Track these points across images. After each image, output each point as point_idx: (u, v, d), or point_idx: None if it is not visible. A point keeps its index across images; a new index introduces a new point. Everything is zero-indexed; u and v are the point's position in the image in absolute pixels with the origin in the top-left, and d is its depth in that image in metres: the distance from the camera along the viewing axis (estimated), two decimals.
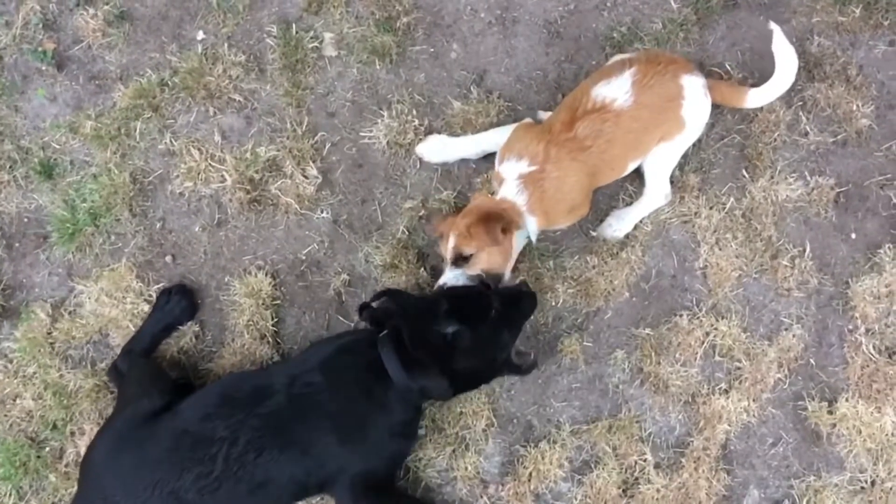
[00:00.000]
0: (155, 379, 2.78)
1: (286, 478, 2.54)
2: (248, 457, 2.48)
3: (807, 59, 3.11)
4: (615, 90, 2.69)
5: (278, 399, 2.55)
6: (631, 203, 3.01)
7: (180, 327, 3.00)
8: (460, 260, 2.72)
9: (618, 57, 2.95)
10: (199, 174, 3.08)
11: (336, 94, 3.15)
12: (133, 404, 2.66)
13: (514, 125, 2.93)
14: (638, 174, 2.96)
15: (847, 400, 2.92)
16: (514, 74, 3.15)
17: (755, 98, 2.91)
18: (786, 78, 2.88)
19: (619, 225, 2.98)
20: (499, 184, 2.76)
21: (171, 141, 3.11)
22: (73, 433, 2.97)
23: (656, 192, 2.93)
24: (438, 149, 3.04)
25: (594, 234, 3.02)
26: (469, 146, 3.02)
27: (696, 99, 2.78)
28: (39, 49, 3.15)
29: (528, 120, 2.98)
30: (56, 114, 3.16)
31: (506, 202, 2.71)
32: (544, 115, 3.03)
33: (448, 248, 2.73)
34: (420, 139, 3.07)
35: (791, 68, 2.86)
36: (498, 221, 2.66)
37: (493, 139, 2.95)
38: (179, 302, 2.98)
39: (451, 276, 2.75)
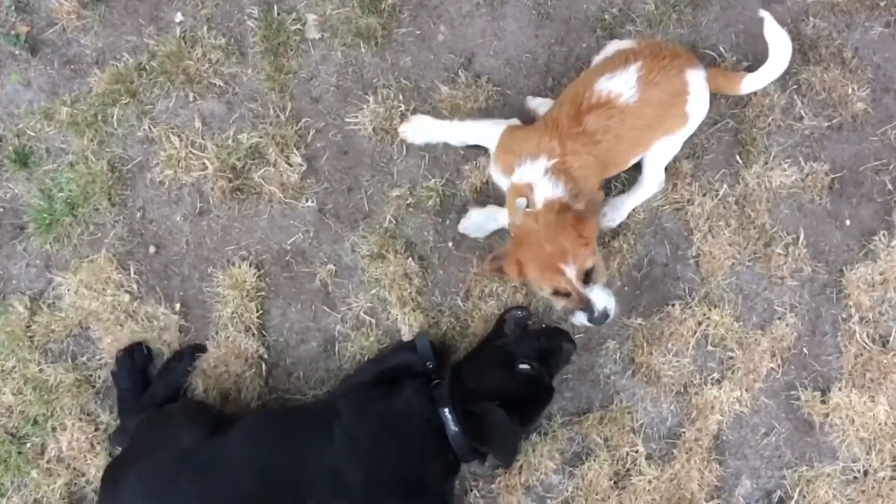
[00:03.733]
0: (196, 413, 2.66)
1: None
2: None
3: (801, 41, 3.04)
4: (620, 85, 2.58)
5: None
6: (624, 191, 2.95)
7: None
8: (587, 277, 2.50)
9: (614, 44, 2.86)
10: (179, 162, 2.99)
11: (320, 79, 3.06)
12: (176, 437, 2.51)
13: (500, 121, 2.83)
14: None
15: (840, 389, 2.90)
16: (503, 58, 3.06)
17: (750, 84, 2.83)
18: (780, 63, 2.80)
19: (613, 214, 2.92)
20: (530, 191, 2.52)
21: (149, 127, 3.01)
22: (54, 428, 2.91)
23: (652, 182, 2.87)
24: (422, 129, 2.96)
25: None
26: (453, 132, 2.93)
27: (699, 94, 2.70)
28: (12, 33, 3.03)
29: (514, 121, 2.87)
30: (30, 100, 3.05)
31: (552, 202, 2.50)
32: (533, 103, 2.96)
33: (572, 278, 2.46)
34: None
35: (785, 53, 2.78)
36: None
37: (478, 131, 2.87)
38: (181, 362, 2.90)
39: (601, 298, 2.53)
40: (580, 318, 2.56)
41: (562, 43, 3.07)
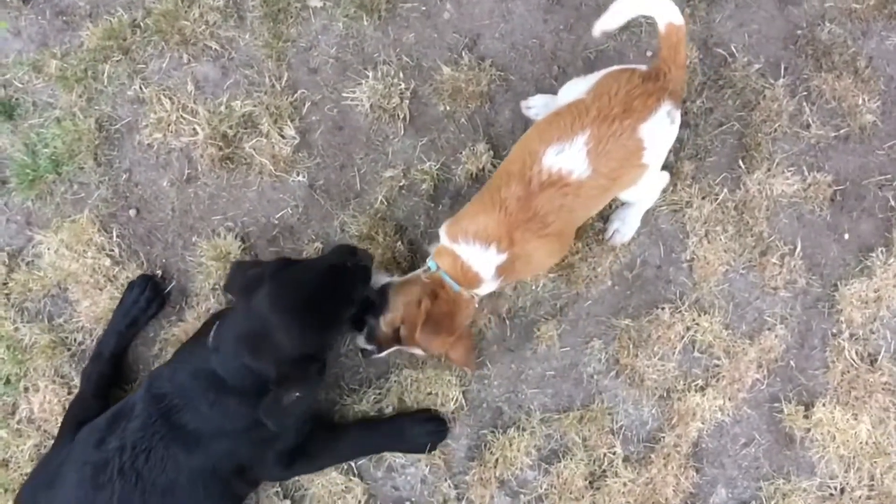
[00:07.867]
0: (76, 419, 2.66)
1: (185, 476, 2.45)
2: (139, 461, 2.41)
3: (816, 46, 2.96)
4: (570, 161, 2.32)
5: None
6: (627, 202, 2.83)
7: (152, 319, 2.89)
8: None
9: (570, 85, 2.61)
10: (169, 125, 2.91)
11: (319, 49, 2.96)
12: (58, 446, 2.63)
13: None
14: None
15: (824, 405, 2.86)
16: (509, 41, 2.97)
17: None
18: None
19: (626, 229, 2.84)
20: (477, 281, 2.48)
21: (140, 87, 2.93)
22: (26, 389, 2.87)
23: (651, 194, 2.77)
24: None
25: (607, 238, 2.88)
26: None
27: (659, 141, 2.41)
28: None
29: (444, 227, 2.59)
30: (20, 49, 2.96)
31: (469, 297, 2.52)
32: (531, 112, 2.87)
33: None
34: None
35: None
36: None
37: None
38: (143, 293, 2.82)
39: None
40: (363, 343, 2.61)
41: (570, 30, 2.98)
